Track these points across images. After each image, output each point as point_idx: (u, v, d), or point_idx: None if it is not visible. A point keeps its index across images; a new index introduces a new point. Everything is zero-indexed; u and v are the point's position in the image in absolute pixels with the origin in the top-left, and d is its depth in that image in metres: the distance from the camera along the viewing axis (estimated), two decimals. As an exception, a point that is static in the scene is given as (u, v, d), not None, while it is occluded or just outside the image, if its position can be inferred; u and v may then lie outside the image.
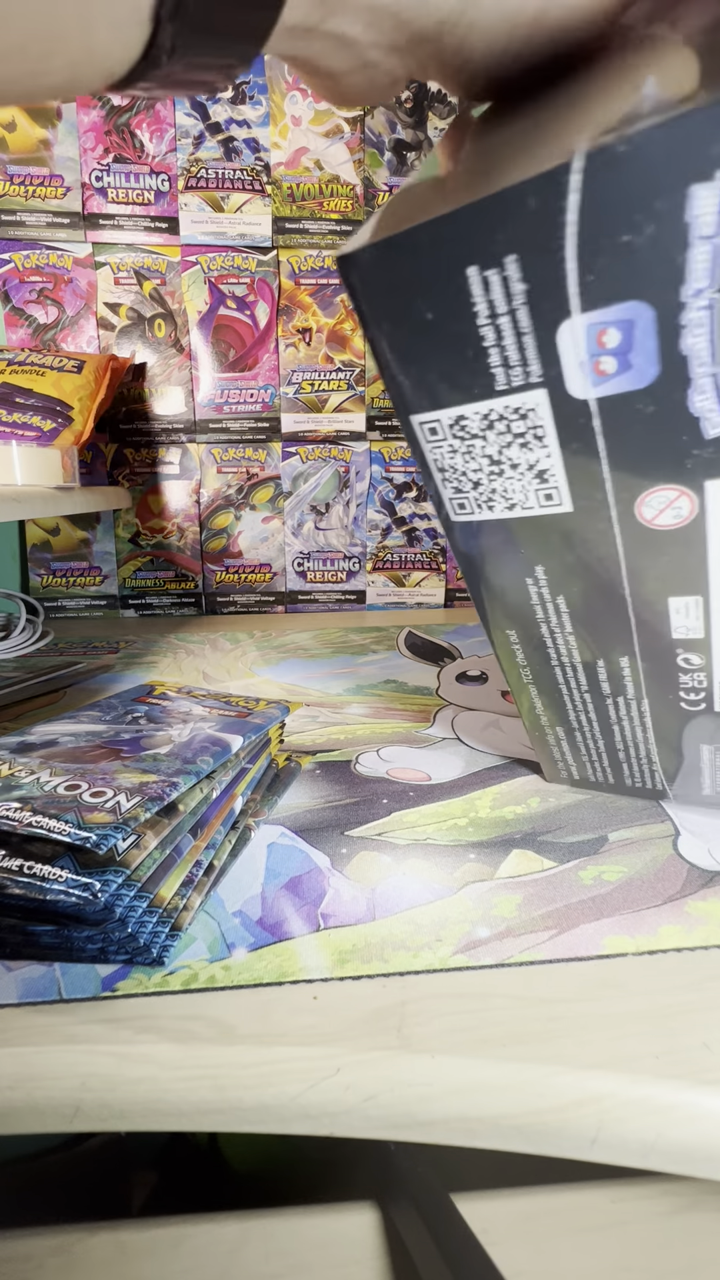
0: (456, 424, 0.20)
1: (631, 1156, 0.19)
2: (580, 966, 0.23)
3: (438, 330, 0.18)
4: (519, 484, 0.21)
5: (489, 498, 0.22)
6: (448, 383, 0.20)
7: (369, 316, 0.19)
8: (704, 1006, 0.21)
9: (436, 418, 0.21)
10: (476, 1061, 0.20)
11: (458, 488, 0.23)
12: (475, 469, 0.22)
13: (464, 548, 0.25)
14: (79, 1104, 0.19)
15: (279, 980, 0.22)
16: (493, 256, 0.16)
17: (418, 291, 0.18)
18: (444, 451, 0.22)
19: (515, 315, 0.17)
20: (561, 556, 0.23)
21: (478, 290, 0.17)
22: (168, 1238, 0.36)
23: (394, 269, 0.18)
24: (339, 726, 0.43)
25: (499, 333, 0.18)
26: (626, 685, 0.27)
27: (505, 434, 0.20)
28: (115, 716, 0.33)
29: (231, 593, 0.79)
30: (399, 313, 0.18)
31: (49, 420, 0.62)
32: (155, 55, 0.17)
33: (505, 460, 0.21)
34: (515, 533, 0.23)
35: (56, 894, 0.21)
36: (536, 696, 0.30)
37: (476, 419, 0.20)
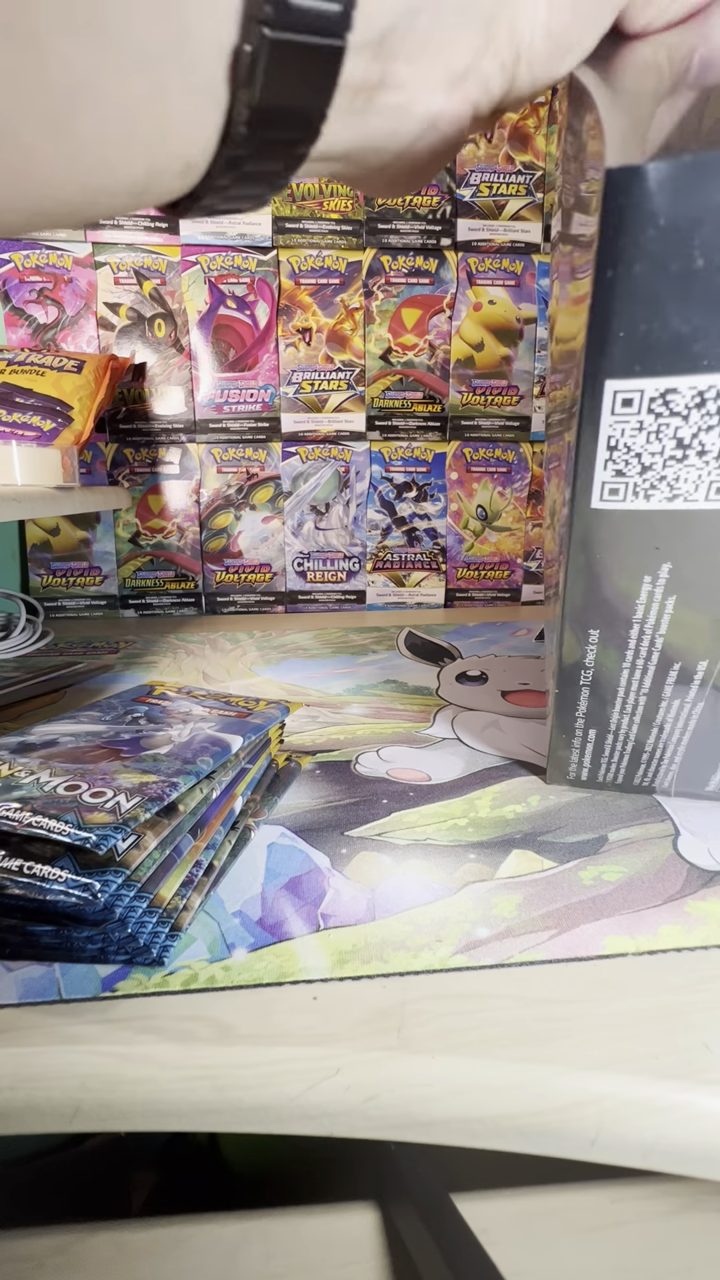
0: (661, 398, 0.18)
1: (631, 1157, 0.19)
2: (580, 967, 0.23)
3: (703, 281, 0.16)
4: (697, 473, 0.20)
5: (653, 485, 0.20)
6: (680, 347, 0.17)
7: (622, 251, 0.17)
8: (704, 1007, 0.21)
9: (640, 387, 0.18)
10: (476, 1062, 0.20)
11: (621, 471, 0.20)
12: (655, 451, 0.20)
13: (585, 538, 0.23)
14: (79, 1104, 0.19)
15: (279, 980, 0.22)
16: None
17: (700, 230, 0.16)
18: (628, 427, 0.19)
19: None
20: (698, 555, 0.22)
21: None
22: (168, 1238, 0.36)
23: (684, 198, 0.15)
24: (339, 726, 0.43)
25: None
26: (692, 688, 0.26)
27: (712, 415, 0.18)
28: (115, 717, 0.33)
29: (231, 593, 0.79)
30: (666, 252, 0.16)
31: (49, 420, 0.62)
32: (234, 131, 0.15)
33: (695, 446, 0.19)
34: (660, 527, 0.21)
35: (56, 894, 0.21)
36: (585, 699, 0.28)
37: (689, 395, 0.18)
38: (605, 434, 0.20)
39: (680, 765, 0.30)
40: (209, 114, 0.14)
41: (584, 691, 0.28)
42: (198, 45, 0.13)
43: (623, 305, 0.17)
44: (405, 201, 0.72)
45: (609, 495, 0.21)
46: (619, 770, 0.32)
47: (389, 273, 0.73)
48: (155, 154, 0.14)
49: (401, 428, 0.76)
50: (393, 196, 0.21)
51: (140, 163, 0.14)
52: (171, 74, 0.13)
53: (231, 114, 0.14)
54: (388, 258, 0.73)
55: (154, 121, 0.14)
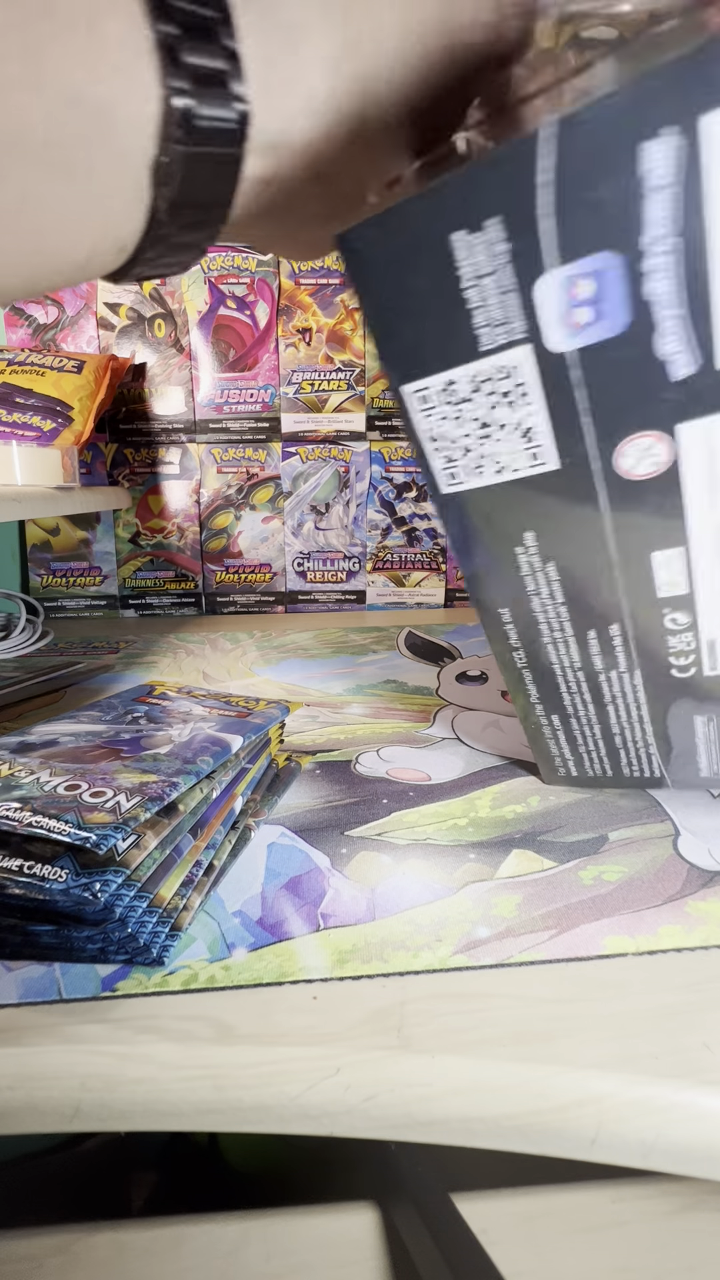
0: (446, 389, 0.22)
1: (631, 1156, 0.19)
2: (580, 966, 0.23)
3: (426, 298, 0.20)
4: (507, 445, 0.22)
5: (478, 463, 0.23)
6: (437, 348, 0.21)
7: (364, 291, 0.20)
8: (704, 1006, 0.21)
9: (427, 385, 0.22)
10: (476, 1061, 0.20)
11: (449, 456, 0.23)
12: (465, 434, 0.23)
13: (456, 523, 0.26)
14: (79, 1104, 0.19)
15: (279, 980, 0.22)
16: (476, 220, 0.18)
17: (407, 262, 0.19)
18: (435, 419, 0.23)
19: (498, 274, 0.19)
20: (549, 519, 0.24)
21: (462, 254, 0.19)
22: (168, 1238, 0.36)
23: (385, 243, 0.19)
24: (339, 726, 0.43)
25: (483, 293, 0.19)
26: (618, 656, 0.27)
27: (492, 394, 0.21)
28: (115, 716, 0.33)
29: (231, 593, 0.79)
30: (391, 284, 0.20)
31: (49, 420, 0.62)
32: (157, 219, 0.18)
33: (493, 422, 0.22)
34: (504, 499, 0.24)
35: (56, 894, 0.21)
36: (531, 682, 0.30)
37: (465, 382, 0.21)
38: (421, 428, 0.23)
39: (660, 749, 0.30)
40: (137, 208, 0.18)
41: (525, 675, 0.30)
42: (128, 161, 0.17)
43: (387, 328, 0.21)
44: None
45: (451, 481, 0.24)
46: (603, 760, 0.32)
47: (389, 273, 0.73)
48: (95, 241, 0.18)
49: (401, 427, 0.76)
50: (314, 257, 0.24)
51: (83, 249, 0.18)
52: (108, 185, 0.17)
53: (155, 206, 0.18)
54: (388, 258, 0.73)
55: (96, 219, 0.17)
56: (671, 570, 0.24)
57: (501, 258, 0.18)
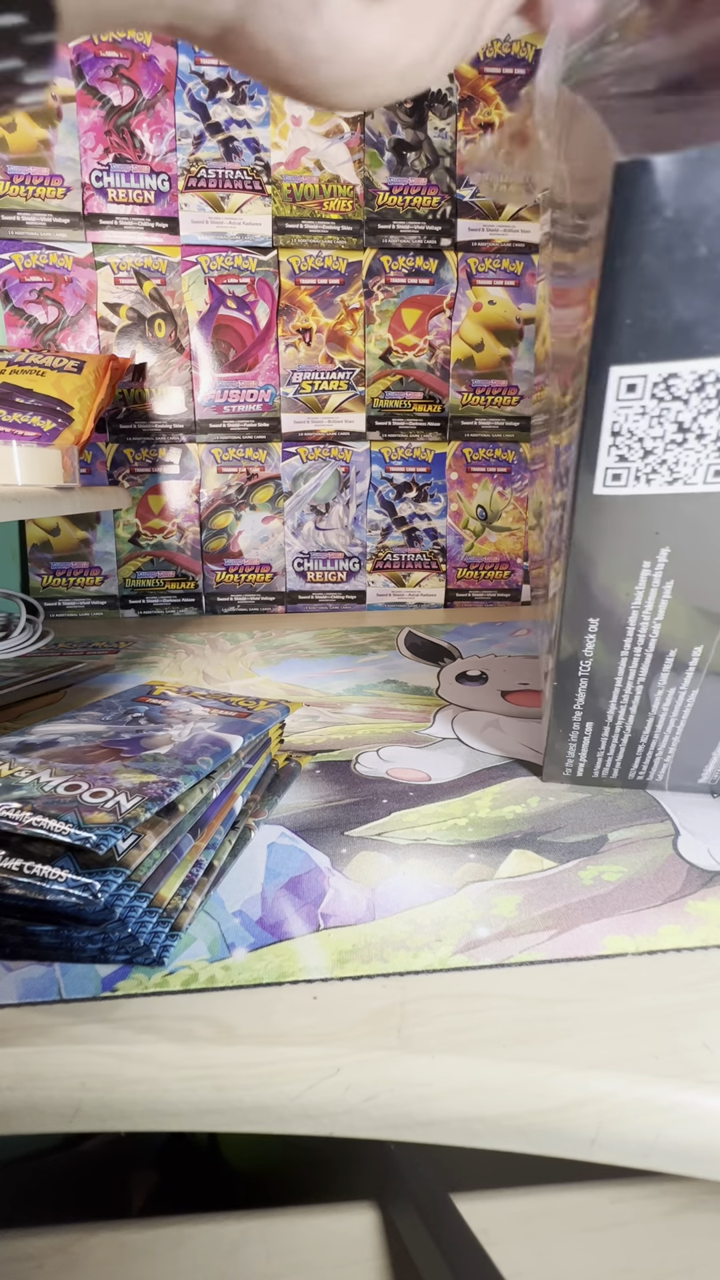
0: (663, 383, 0.19)
1: (631, 1156, 0.19)
2: (580, 966, 0.23)
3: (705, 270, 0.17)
4: (696, 456, 0.21)
5: (654, 469, 0.21)
6: (684, 332, 0.18)
7: (628, 242, 0.17)
8: (704, 1006, 0.21)
9: (643, 373, 0.19)
10: (476, 1061, 0.20)
11: (624, 455, 0.21)
12: (657, 435, 0.20)
13: (587, 526, 0.23)
14: (79, 1104, 0.19)
15: (279, 980, 0.22)
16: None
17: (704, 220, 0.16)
18: (632, 412, 0.20)
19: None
20: (694, 539, 0.22)
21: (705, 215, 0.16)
22: (168, 1238, 0.36)
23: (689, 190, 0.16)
24: (339, 726, 0.43)
25: None
26: (687, 675, 0.27)
27: (711, 399, 0.19)
28: (115, 716, 0.33)
29: (231, 593, 0.79)
30: (669, 242, 0.17)
31: (49, 420, 0.62)
32: None
33: (694, 429, 0.20)
34: (658, 510, 0.22)
35: (56, 894, 0.21)
36: (583, 690, 0.29)
37: (689, 379, 0.19)
38: (610, 420, 0.20)
39: (674, 757, 0.30)
40: None
41: (582, 683, 0.29)
42: None
43: (630, 293, 0.18)
44: (405, 201, 0.72)
45: (612, 481, 0.22)
46: (614, 764, 0.32)
47: (389, 273, 0.73)
48: None
49: (401, 428, 0.76)
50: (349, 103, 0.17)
51: None
52: None
53: None
54: (388, 258, 0.73)
55: None
56: None
57: None
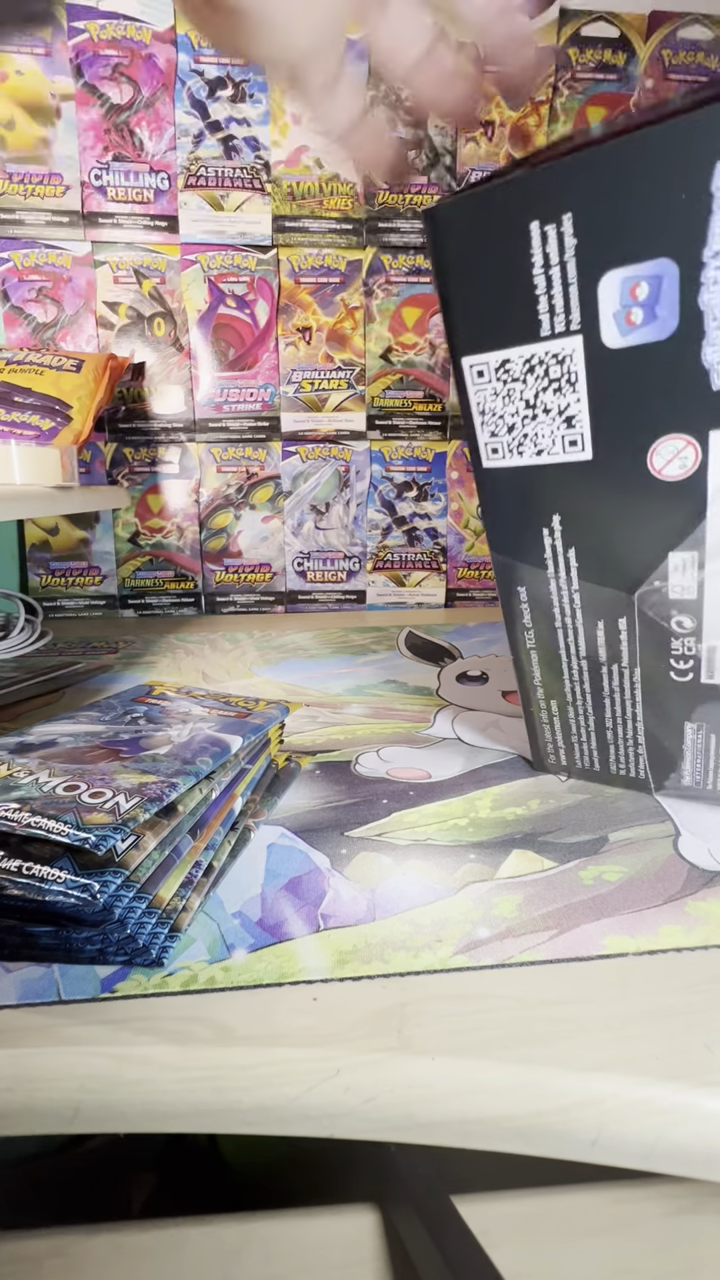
0: (501, 367, 0.23)
1: (632, 1158, 0.19)
2: (581, 967, 0.23)
3: (499, 278, 0.21)
4: (548, 429, 0.24)
5: (520, 442, 0.25)
6: (499, 327, 0.22)
7: (444, 265, 0.22)
8: (705, 1007, 0.21)
9: (485, 360, 0.23)
10: (477, 1063, 0.19)
11: (494, 431, 0.25)
12: (512, 412, 0.24)
13: (491, 498, 0.27)
14: (78, 1105, 0.19)
15: (278, 981, 0.22)
16: (552, 212, 0.19)
17: (487, 243, 0.21)
18: (487, 394, 0.24)
19: (565, 267, 0.20)
20: (577, 506, 0.25)
21: (536, 242, 0.20)
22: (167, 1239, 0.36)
23: (472, 222, 0.20)
24: (339, 727, 0.43)
25: (549, 282, 0.20)
26: (622, 650, 0.28)
27: (542, 378, 0.23)
28: (114, 717, 0.32)
29: (231, 593, 0.79)
30: (469, 261, 0.21)
31: (48, 419, 0.62)
32: None
33: (539, 405, 0.23)
34: (539, 480, 0.25)
35: (55, 895, 0.21)
36: (537, 664, 0.31)
37: (519, 363, 0.23)
38: (474, 400, 0.24)
39: (647, 750, 0.30)
40: None
41: (532, 656, 0.31)
42: None
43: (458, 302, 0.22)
44: (406, 200, 0.72)
45: (492, 455, 0.25)
46: (592, 754, 0.32)
47: (389, 271, 0.73)
48: None
49: (402, 427, 0.76)
50: None
51: None
52: None
53: None
54: (388, 256, 0.73)
55: None
56: (685, 573, 0.25)
57: (569, 251, 0.20)
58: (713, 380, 0.20)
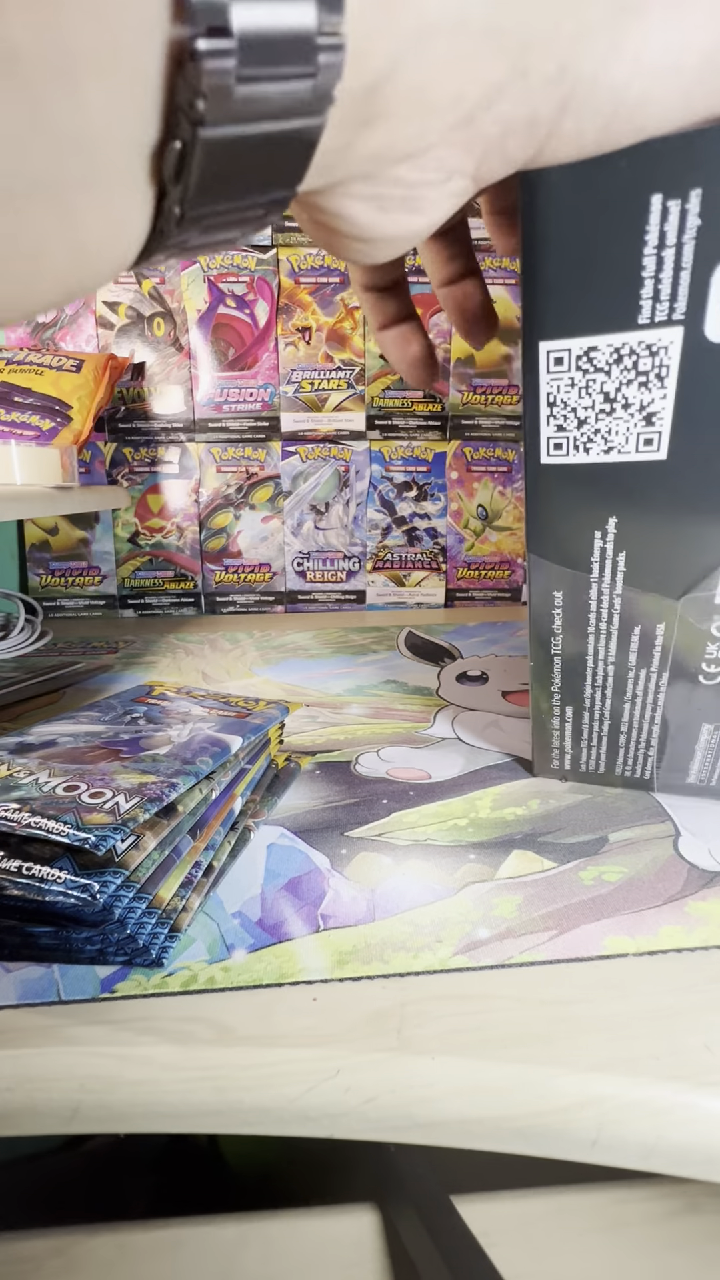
0: (585, 355, 0.21)
1: (632, 1158, 0.19)
2: (581, 967, 0.23)
3: (605, 255, 0.19)
4: (624, 425, 0.22)
5: (589, 438, 0.23)
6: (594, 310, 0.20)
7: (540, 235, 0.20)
8: (705, 1007, 0.21)
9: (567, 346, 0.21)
10: (477, 1063, 0.19)
11: (561, 425, 0.23)
12: (587, 405, 0.22)
13: (543, 496, 0.25)
14: (78, 1105, 0.19)
15: (278, 981, 0.22)
16: (680, 187, 0.17)
17: (597, 214, 0.19)
18: (562, 384, 0.22)
19: (681, 250, 0.18)
20: (638, 508, 0.24)
21: (655, 219, 0.18)
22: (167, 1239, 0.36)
23: (581, 190, 0.18)
24: (339, 727, 0.43)
25: (660, 264, 0.19)
26: (654, 655, 0.27)
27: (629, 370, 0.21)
28: (114, 717, 0.32)
29: (231, 592, 0.79)
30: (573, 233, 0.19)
31: (48, 419, 0.62)
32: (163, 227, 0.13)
33: (619, 399, 0.22)
34: (603, 479, 0.24)
35: (55, 895, 0.21)
36: (558, 670, 0.30)
37: (607, 351, 0.21)
38: (544, 390, 0.23)
39: (658, 751, 0.30)
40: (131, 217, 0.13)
41: (555, 662, 0.29)
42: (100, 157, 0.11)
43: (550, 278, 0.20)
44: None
45: (554, 450, 0.24)
46: (600, 755, 0.32)
47: (389, 272, 0.73)
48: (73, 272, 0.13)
49: (401, 427, 0.76)
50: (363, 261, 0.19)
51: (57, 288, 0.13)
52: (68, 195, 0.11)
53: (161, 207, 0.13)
54: (387, 257, 0.73)
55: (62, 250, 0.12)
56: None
57: (690, 232, 0.18)
58: None
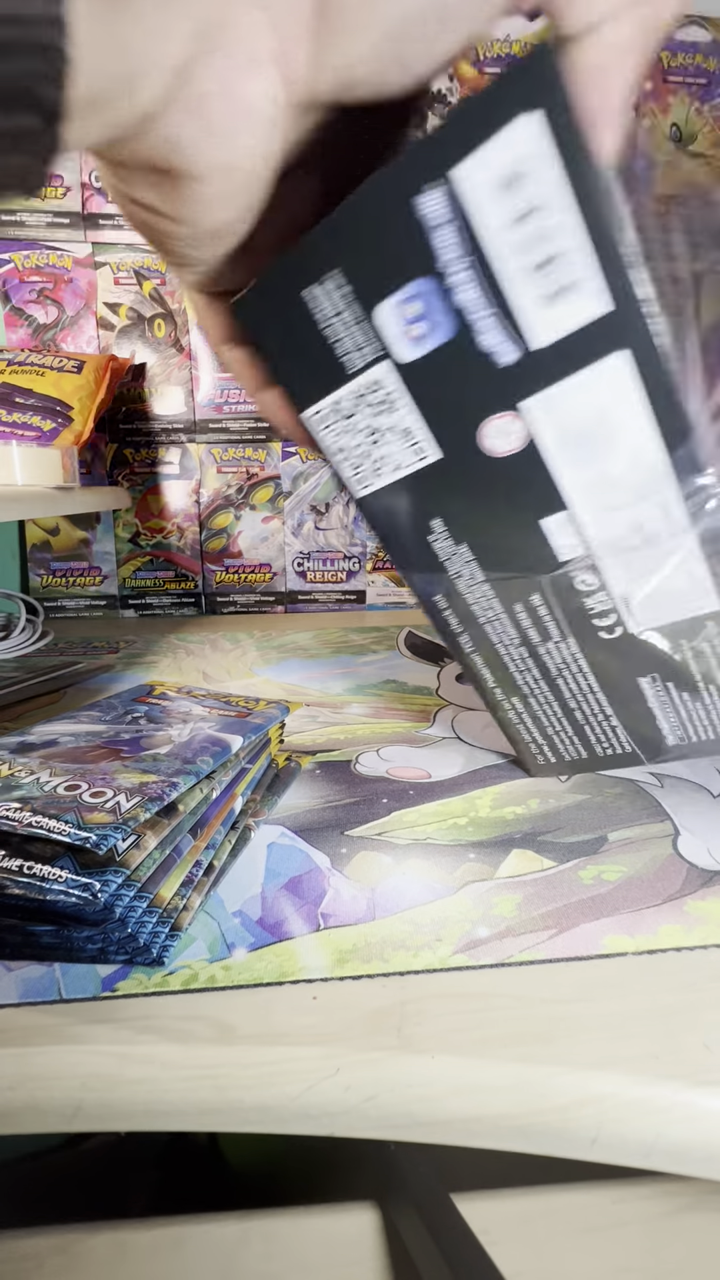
0: (334, 409, 0.26)
1: (632, 1156, 0.19)
2: (580, 966, 0.23)
3: (303, 340, 0.24)
4: (394, 446, 0.26)
5: (377, 466, 0.27)
6: (319, 378, 0.25)
7: (260, 344, 0.25)
8: (704, 1006, 0.21)
9: (320, 408, 0.26)
10: (476, 1061, 0.20)
11: (354, 465, 0.27)
12: (359, 443, 0.26)
13: (376, 524, 0.29)
14: (79, 1104, 0.19)
15: (279, 980, 0.22)
16: (319, 276, 0.22)
17: (281, 316, 0.24)
18: (333, 434, 0.26)
19: (346, 311, 0.23)
20: (448, 505, 0.27)
21: (316, 303, 0.23)
22: (168, 1238, 0.36)
23: (263, 303, 0.23)
24: (339, 726, 0.43)
25: (338, 328, 0.23)
26: (549, 626, 0.29)
27: (370, 406, 0.25)
28: (115, 716, 0.33)
29: (231, 593, 0.79)
30: (275, 336, 0.24)
31: (49, 420, 0.62)
32: None
33: (379, 428, 0.26)
34: (406, 493, 0.27)
35: (56, 894, 0.21)
36: (484, 666, 0.32)
37: (348, 399, 0.25)
38: (325, 445, 0.27)
39: (619, 719, 0.31)
40: None
41: (476, 659, 0.31)
42: None
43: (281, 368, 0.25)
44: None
45: (361, 485, 0.28)
46: (573, 740, 0.33)
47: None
48: None
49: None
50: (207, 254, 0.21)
51: None
52: None
53: None
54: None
55: None
56: (564, 534, 0.26)
57: (346, 298, 0.23)
58: (497, 360, 0.23)
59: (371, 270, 0.22)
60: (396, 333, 0.23)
